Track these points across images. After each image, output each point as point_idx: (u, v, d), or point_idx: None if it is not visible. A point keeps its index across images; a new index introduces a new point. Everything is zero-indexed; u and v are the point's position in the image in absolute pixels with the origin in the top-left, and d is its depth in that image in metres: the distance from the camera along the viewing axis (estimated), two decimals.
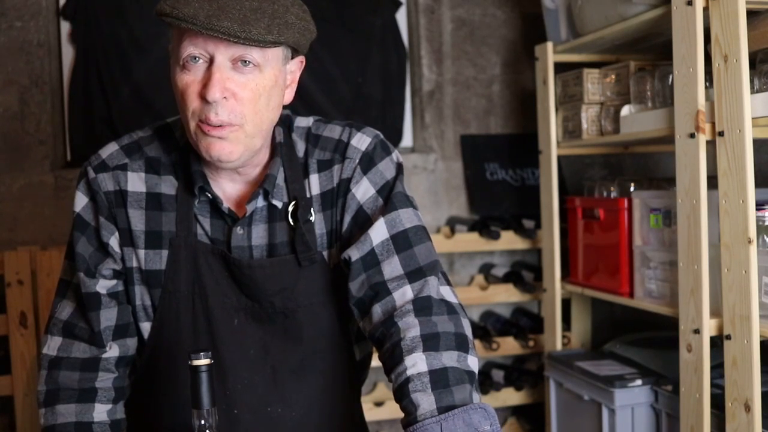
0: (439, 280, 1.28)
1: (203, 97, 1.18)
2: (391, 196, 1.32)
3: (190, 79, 1.19)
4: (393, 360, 1.19)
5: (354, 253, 1.28)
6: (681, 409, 1.93)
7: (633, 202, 2.21)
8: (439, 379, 1.13)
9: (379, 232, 1.28)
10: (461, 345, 1.19)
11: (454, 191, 2.86)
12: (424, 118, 2.84)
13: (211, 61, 1.18)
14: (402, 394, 1.14)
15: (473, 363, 1.19)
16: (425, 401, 1.11)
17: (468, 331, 1.23)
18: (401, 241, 1.28)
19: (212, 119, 1.19)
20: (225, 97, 1.18)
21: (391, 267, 1.27)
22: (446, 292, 1.27)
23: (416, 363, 1.15)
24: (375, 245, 1.28)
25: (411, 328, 1.19)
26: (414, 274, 1.26)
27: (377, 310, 1.25)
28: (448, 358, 1.16)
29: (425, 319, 1.20)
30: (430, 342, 1.17)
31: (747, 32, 1.69)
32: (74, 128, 2.59)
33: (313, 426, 1.35)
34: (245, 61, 1.18)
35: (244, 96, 1.19)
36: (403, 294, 1.24)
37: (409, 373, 1.14)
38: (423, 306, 1.22)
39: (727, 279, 1.76)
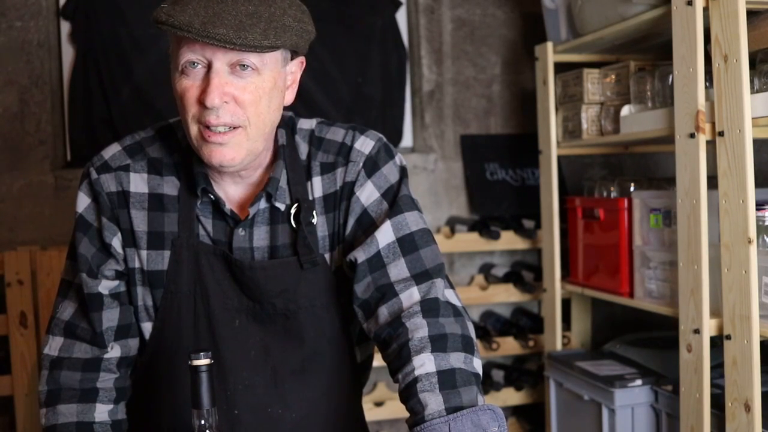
0: (445, 283, 1.28)
1: (202, 103, 1.18)
2: (397, 199, 1.32)
3: (188, 84, 1.19)
4: (400, 360, 1.19)
5: (360, 255, 1.28)
6: (681, 409, 1.93)
7: (633, 202, 2.21)
8: (447, 379, 1.14)
9: (385, 235, 1.29)
10: (467, 347, 1.20)
11: (454, 191, 2.86)
12: (424, 118, 2.84)
13: (209, 66, 1.18)
14: (409, 394, 1.14)
15: (478, 365, 1.20)
16: (433, 401, 1.11)
17: (473, 333, 1.24)
18: (407, 244, 1.29)
19: (213, 121, 1.19)
20: (225, 102, 1.18)
21: (398, 269, 1.27)
22: (451, 295, 1.28)
23: (424, 363, 1.15)
24: (381, 247, 1.28)
25: (419, 329, 1.19)
26: (420, 277, 1.27)
27: (383, 312, 1.25)
28: (456, 360, 1.17)
29: (433, 320, 1.21)
30: (438, 343, 1.18)
31: (747, 32, 1.70)
32: (74, 128, 2.59)
33: (314, 427, 1.35)
34: (243, 65, 1.18)
35: (244, 99, 1.19)
36: (410, 295, 1.25)
37: (417, 373, 1.15)
38: (430, 307, 1.23)
39: (727, 279, 1.77)
